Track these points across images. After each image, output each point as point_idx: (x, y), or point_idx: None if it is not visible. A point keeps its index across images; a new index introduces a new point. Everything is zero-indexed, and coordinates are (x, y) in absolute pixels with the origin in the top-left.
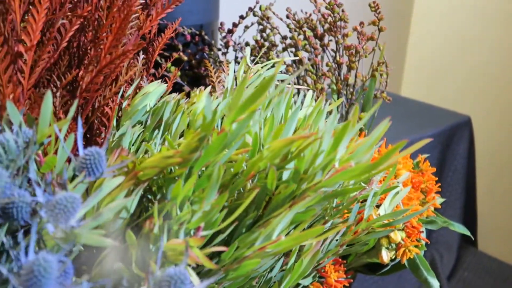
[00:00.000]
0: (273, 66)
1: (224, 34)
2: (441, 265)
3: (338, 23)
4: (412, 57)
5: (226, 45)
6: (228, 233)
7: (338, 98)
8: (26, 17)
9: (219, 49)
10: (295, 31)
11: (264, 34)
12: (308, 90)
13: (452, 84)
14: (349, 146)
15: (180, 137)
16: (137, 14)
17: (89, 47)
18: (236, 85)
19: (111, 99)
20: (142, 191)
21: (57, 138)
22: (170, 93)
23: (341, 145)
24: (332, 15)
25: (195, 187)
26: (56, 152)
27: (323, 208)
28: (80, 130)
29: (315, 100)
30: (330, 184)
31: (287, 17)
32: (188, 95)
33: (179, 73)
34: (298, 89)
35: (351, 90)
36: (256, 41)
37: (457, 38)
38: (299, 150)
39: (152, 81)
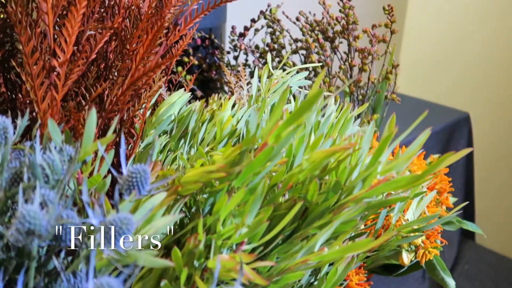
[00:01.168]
0: (288, 73)
1: (233, 37)
2: (443, 260)
3: (350, 26)
4: (406, 53)
5: (235, 48)
6: (265, 245)
7: (350, 100)
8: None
9: (228, 52)
10: (308, 34)
11: (274, 37)
12: (329, 95)
13: (447, 80)
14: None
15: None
16: (167, 24)
17: (116, 58)
18: (259, 91)
19: (140, 110)
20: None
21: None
22: None
23: (382, 156)
24: (345, 18)
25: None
26: (92, 171)
27: None
28: (123, 147)
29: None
30: (372, 195)
31: (297, 19)
32: (202, 98)
33: (189, 77)
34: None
35: (362, 91)
36: (268, 44)
37: (452, 33)
38: (338, 161)
39: (168, 87)
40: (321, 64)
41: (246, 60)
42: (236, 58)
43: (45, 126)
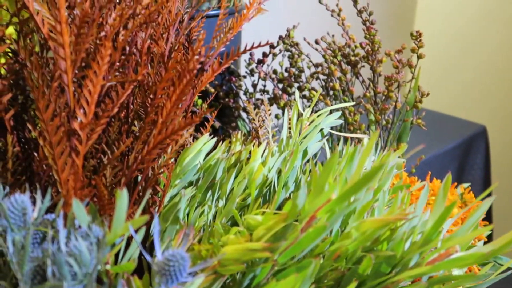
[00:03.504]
0: (319, 114)
1: (251, 63)
2: None
3: (375, 51)
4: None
5: (252, 73)
6: None
7: (376, 129)
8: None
9: (244, 77)
10: (330, 60)
11: (292, 60)
12: (363, 137)
13: (456, 88)
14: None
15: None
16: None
17: (139, 111)
18: (289, 133)
19: (166, 166)
20: None
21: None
22: (197, 127)
23: (444, 226)
24: (371, 44)
25: (280, 275)
26: (117, 254)
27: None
28: (157, 228)
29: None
30: (432, 272)
31: (316, 42)
32: (221, 129)
33: (205, 106)
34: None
35: (387, 117)
36: (286, 69)
37: (461, 41)
38: (391, 230)
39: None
40: (353, 103)
41: (264, 85)
42: (254, 86)
43: (69, 206)
